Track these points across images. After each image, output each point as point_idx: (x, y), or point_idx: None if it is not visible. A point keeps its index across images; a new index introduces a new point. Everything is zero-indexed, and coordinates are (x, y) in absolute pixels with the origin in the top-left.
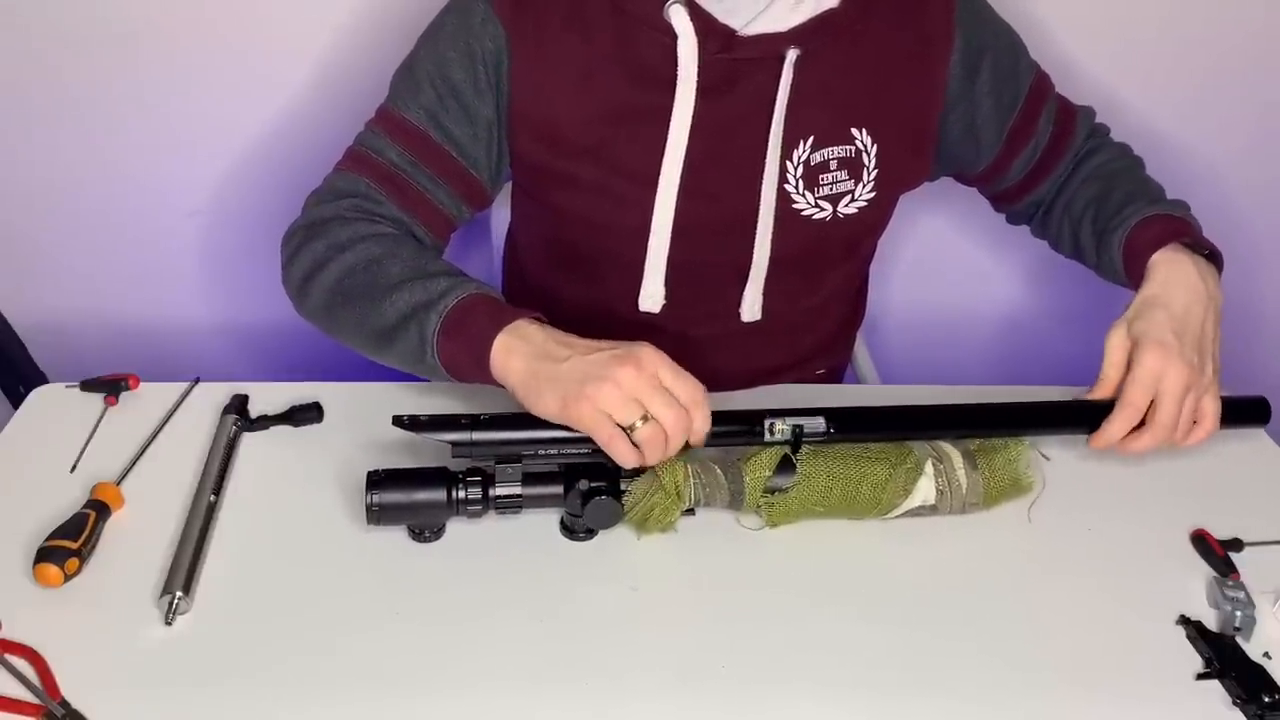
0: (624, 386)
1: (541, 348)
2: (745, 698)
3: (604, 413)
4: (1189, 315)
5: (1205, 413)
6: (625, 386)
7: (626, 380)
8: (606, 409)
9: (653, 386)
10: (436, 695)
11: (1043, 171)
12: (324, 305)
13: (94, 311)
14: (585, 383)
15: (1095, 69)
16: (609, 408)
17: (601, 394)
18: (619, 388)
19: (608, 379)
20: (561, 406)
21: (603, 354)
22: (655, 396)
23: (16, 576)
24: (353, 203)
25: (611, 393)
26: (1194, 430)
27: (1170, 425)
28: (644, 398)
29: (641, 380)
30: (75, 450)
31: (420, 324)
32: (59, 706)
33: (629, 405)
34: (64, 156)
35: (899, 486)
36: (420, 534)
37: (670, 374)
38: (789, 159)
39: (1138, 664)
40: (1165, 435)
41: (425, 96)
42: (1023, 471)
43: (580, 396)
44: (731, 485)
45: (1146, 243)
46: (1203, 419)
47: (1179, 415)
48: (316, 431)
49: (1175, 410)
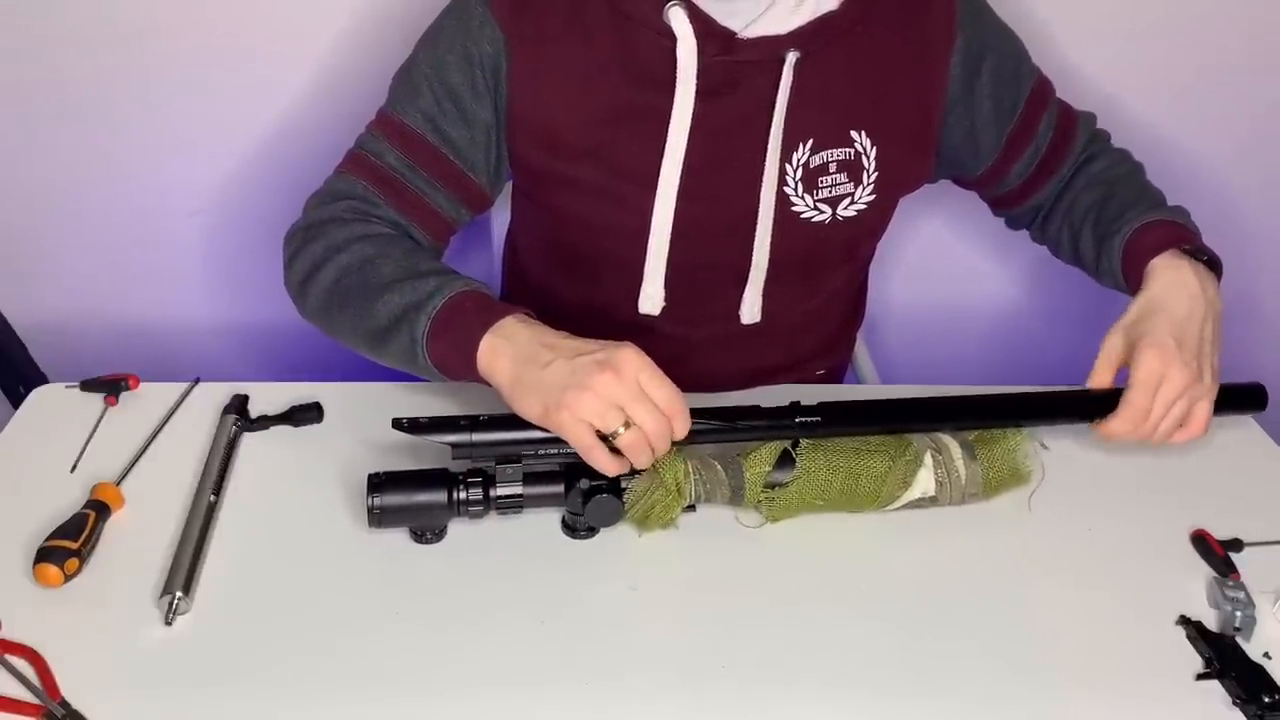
0: (603, 395)
1: (526, 350)
2: (746, 697)
3: (584, 421)
4: (1188, 321)
5: (1195, 417)
6: (604, 395)
7: (605, 388)
8: (586, 417)
9: (633, 394)
10: (438, 696)
11: (1043, 176)
12: (322, 307)
13: (94, 311)
14: (565, 390)
15: (1096, 72)
16: (589, 416)
17: (581, 403)
18: (598, 397)
19: (587, 387)
20: (543, 413)
21: (584, 359)
22: (636, 404)
23: (16, 576)
24: (351, 205)
25: (591, 402)
26: (1179, 432)
27: (1153, 427)
28: (625, 404)
29: (621, 387)
30: (75, 450)
31: (410, 325)
32: (59, 706)
33: (609, 413)
34: (65, 157)
35: (899, 479)
36: (422, 536)
37: (650, 379)
38: (788, 161)
39: (1138, 664)
40: (1154, 438)
41: (423, 100)
42: (1021, 461)
43: (560, 405)
44: (732, 481)
45: (1146, 249)
46: (1191, 422)
47: (1164, 417)
48: (316, 431)
49: (1163, 413)
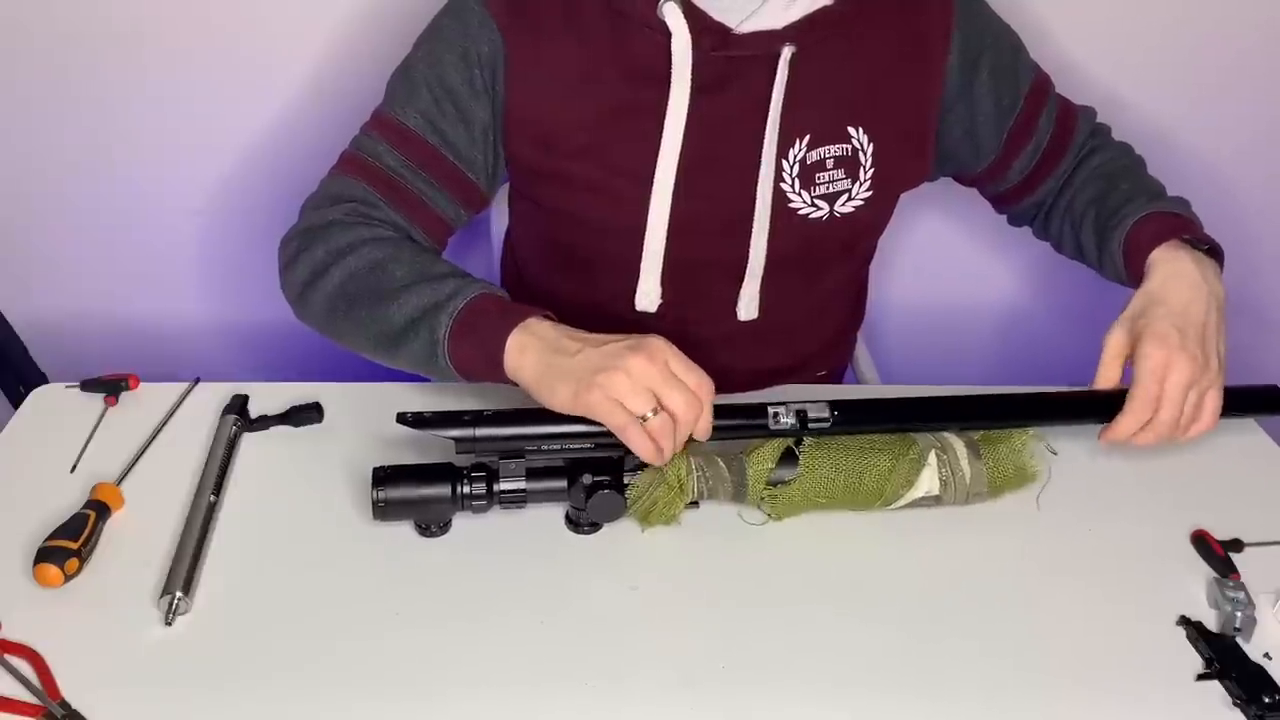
0: (635, 376)
1: (554, 343)
2: (746, 697)
3: (616, 401)
4: (1190, 310)
5: (1205, 408)
6: (636, 375)
7: (637, 369)
8: (618, 397)
9: (664, 376)
10: (439, 695)
11: (1043, 172)
12: (326, 311)
13: (94, 311)
14: (597, 372)
15: (1095, 69)
16: (620, 396)
17: (613, 382)
18: (630, 377)
19: (619, 368)
20: (573, 396)
21: (614, 345)
22: (667, 386)
23: (16, 576)
24: (350, 207)
25: (623, 381)
26: (1193, 426)
27: (1173, 422)
28: (656, 387)
29: (653, 370)
30: (75, 450)
31: (430, 326)
32: (59, 707)
33: (641, 394)
34: (65, 157)
35: (902, 477)
36: (427, 529)
37: (680, 365)
38: (785, 157)
39: (1138, 664)
40: (1167, 432)
41: (421, 100)
42: (1027, 461)
43: (592, 385)
44: (735, 478)
45: (1146, 240)
46: (1201, 415)
47: (1180, 414)
48: (316, 431)
49: (1176, 409)
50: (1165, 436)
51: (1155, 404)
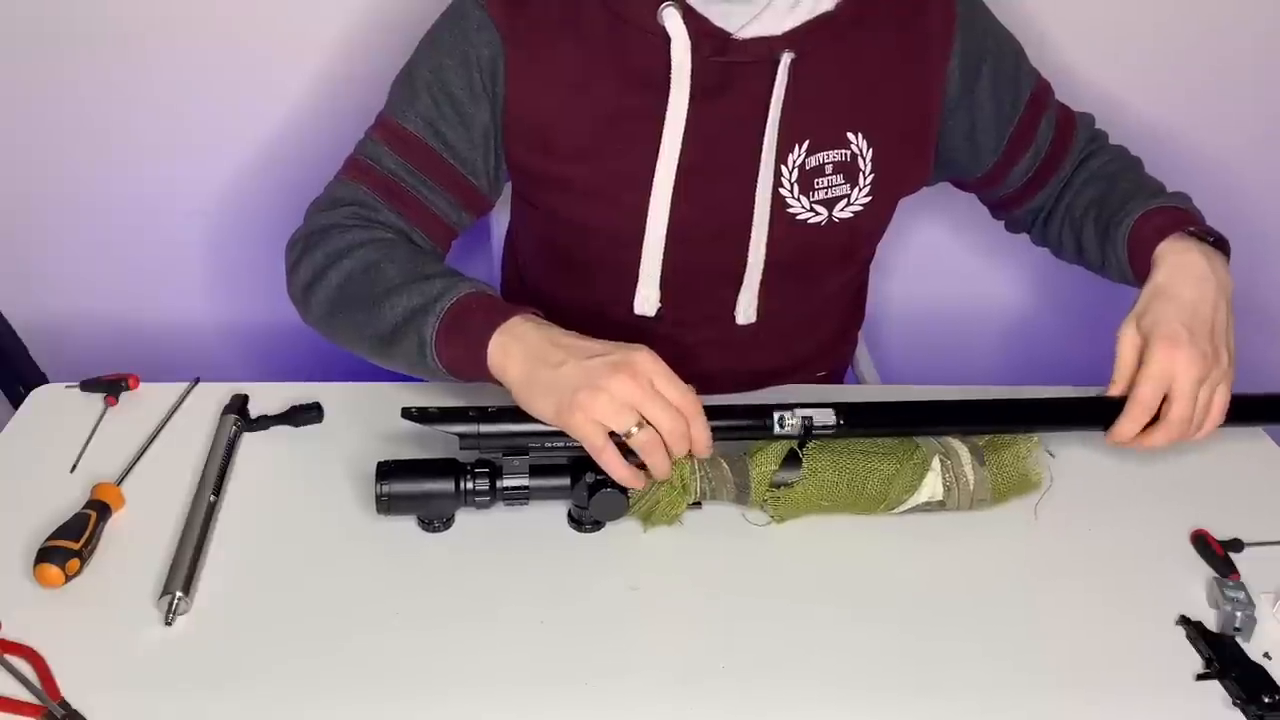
0: (617, 395)
1: (537, 350)
2: (747, 697)
3: (597, 422)
4: (1199, 304)
5: (1214, 404)
6: (618, 394)
7: (619, 389)
8: (600, 418)
9: (646, 394)
10: (439, 694)
11: (1043, 178)
12: (326, 313)
13: (94, 311)
14: (578, 390)
15: (1094, 74)
16: (602, 416)
17: (595, 403)
18: (612, 398)
19: (601, 389)
20: (555, 414)
21: (597, 360)
22: (650, 403)
23: (16, 576)
24: (352, 210)
25: (605, 403)
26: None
27: (1184, 421)
28: (639, 404)
29: (635, 388)
30: (75, 450)
31: (418, 327)
32: (59, 707)
33: (623, 413)
34: (66, 157)
35: (906, 482)
36: (430, 524)
37: (664, 380)
38: (784, 163)
39: (1138, 664)
40: (1180, 431)
41: (422, 104)
42: (1031, 468)
43: (574, 405)
44: (737, 479)
45: (1150, 236)
46: (1212, 410)
47: (1193, 411)
48: (316, 431)
49: (1189, 406)
50: (1178, 436)
51: (1155, 406)
